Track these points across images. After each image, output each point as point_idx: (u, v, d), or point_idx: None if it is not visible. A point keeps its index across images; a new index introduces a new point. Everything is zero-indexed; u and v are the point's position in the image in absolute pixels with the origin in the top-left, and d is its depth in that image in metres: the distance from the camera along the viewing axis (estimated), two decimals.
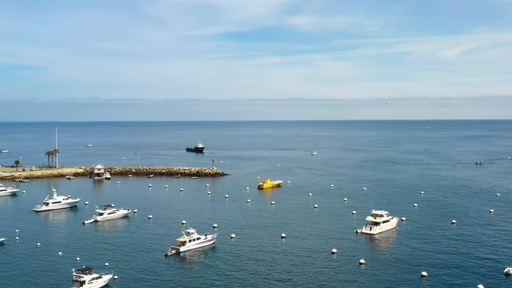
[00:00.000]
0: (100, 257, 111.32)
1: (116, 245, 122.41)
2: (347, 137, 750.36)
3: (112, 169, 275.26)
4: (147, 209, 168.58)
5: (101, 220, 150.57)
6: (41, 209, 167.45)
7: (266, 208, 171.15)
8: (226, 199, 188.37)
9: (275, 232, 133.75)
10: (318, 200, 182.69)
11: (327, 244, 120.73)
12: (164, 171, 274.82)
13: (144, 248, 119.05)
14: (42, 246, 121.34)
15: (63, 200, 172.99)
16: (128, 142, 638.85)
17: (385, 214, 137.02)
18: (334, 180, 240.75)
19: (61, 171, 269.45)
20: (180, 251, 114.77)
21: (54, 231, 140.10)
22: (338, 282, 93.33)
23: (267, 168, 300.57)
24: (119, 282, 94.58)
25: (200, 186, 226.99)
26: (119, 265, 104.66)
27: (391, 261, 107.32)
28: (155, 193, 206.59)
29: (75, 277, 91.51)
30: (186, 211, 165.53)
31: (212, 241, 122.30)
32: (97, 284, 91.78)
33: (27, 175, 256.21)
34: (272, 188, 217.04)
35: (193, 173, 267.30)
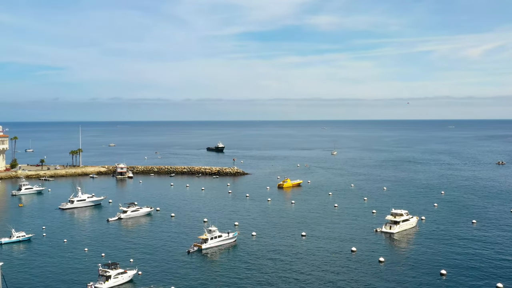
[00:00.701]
0: (124, 253, 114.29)
1: (139, 242, 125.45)
2: (368, 137, 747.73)
3: (135, 168, 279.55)
4: (169, 207, 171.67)
5: (124, 217, 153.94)
6: (67, 206, 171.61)
7: (287, 207, 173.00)
8: (247, 198, 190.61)
9: (295, 230, 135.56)
10: (338, 200, 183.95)
11: (346, 242, 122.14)
12: (185, 170, 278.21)
13: (167, 245, 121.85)
14: (68, 242, 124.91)
15: (87, 198, 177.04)
16: (149, 141, 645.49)
17: (405, 213, 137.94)
18: (354, 179, 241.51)
19: (84, 170, 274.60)
20: (202, 248, 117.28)
21: (79, 228, 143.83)
22: (357, 280, 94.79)
23: (287, 167, 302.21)
24: (143, 277, 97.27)
25: (221, 185, 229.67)
26: (143, 261, 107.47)
27: (410, 259, 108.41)
28: (176, 192, 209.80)
29: (101, 271, 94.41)
30: (208, 209, 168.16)
31: (233, 239, 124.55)
32: (122, 279, 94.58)
33: (51, 174, 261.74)
34: (292, 187, 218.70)
35: (214, 173, 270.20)
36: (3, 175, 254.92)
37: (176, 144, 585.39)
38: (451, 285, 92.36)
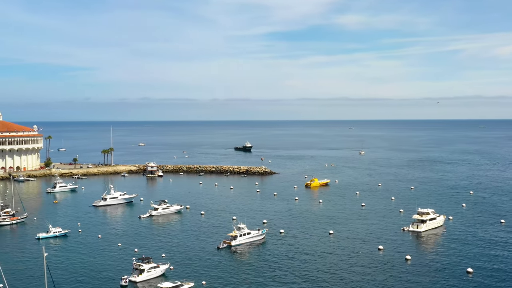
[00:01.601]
0: (156, 248, 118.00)
1: (171, 238, 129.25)
2: (395, 137, 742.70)
3: (164, 167, 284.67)
4: (199, 205, 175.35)
5: (156, 214, 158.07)
6: (100, 204, 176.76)
7: (314, 206, 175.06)
8: (275, 197, 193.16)
9: (323, 228, 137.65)
10: (366, 199, 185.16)
11: (373, 241, 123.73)
12: (214, 169, 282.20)
13: (197, 241, 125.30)
14: (102, 238, 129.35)
15: (120, 195, 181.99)
16: (177, 141, 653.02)
17: (432, 212, 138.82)
18: (381, 179, 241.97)
19: (116, 169, 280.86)
20: (231, 245, 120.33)
21: (112, 224, 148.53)
22: (384, 277, 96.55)
23: (314, 167, 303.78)
24: (174, 271, 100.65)
25: (249, 184, 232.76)
26: (174, 256, 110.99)
27: (437, 258, 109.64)
28: (206, 190, 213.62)
29: (135, 265, 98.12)
30: (236, 207, 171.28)
31: (262, 236, 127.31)
32: (155, 273, 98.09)
33: (84, 172, 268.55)
34: (320, 187, 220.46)
35: (242, 172, 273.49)
36: (38, 173, 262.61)
37: (204, 143, 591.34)
38: (477, 283, 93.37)
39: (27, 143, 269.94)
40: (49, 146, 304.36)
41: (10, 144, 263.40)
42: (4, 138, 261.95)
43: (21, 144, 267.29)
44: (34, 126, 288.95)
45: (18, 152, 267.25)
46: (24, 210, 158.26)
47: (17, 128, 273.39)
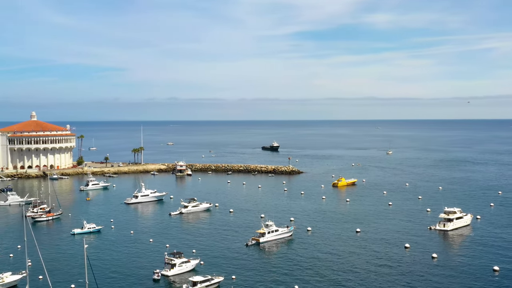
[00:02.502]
0: (187, 244, 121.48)
1: (201, 235, 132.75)
2: (424, 137, 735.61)
3: (193, 166, 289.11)
4: (227, 203, 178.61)
5: (185, 212, 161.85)
6: (131, 201, 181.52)
7: (341, 205, 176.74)
8: (302, 196, 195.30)
9: (350, 227, 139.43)
10: (393, 198, 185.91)
11: (400, 239, 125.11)
12: (241, 168, 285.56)
13: (227, 238, 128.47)
14: (135, 234, 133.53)
15: (150, 193, 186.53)
16: (205, 140, 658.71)
17: (458, 211, 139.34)
18: (409, 179, 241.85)
19: (146, 167, 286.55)
20: (260, 241, 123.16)
21: (144, 221, 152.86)
22: (410, 274, 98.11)
23: (341, 166, 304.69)
24: (204, 267, 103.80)
25: (277, 183, 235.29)
26: (204, 252, 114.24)
27: (463, 256, 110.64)
28: (234, 189, 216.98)
29: (167, 260, 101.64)
30: (264, 205, 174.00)
31: (289, 233, 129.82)
32: (186, 267, 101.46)
33: (115, 171, 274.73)
34: (347, 186, 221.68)
35: (269, 171, 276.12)
36: (71, 172, 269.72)
37: (231, 143, 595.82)
38: (503, 281, 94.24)
39: (60, 142, 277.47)
40: (81, 145, 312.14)
41: (44, 143, 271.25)
42: (38, 137, 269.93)
43: (55, 143, 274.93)
44: (67, 125, 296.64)
45: (51, 151, 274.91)
46: (59, 207, 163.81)
47: (51, 128, 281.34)
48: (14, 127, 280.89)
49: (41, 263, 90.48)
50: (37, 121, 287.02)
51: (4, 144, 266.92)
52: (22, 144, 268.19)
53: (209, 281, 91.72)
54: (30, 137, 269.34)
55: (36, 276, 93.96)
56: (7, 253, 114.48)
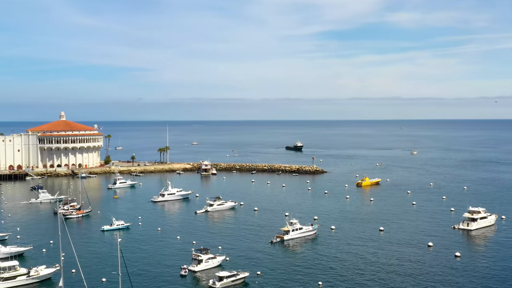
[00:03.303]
0: (213, 241, 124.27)
1: (226, 232, 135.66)
2: (449, 137, 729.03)
3: (218, 165, 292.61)
4: (252, 202, 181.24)
5: (211, 210, 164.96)
6: (158, 199, 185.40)
7: (365, 204, 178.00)
8: (326, 195, 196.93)
9: (374, 225, 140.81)
10: (417, 198, 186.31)
11: (423, 238, 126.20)
12: (265, 168, 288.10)
13: (251, 235, 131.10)
14: (162, 231, 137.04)
15: (176, 192, 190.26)
16: (229, 140, 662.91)
17: (483, 211, 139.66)
18: (433, 179, 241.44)
19: (171, 167, 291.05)
20: (284, 239, 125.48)
21: (171, 219, 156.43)
22: (433, 272, 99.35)
23: (365, 166, 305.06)
24: (230, 263, 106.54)
25: (301, 182, 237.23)
26: (230, 249, 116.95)
27: (487, 255, 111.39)
28: (258, 188, 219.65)
29: (194, 255, 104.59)
30: (288, 204, 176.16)
31: (313, 231, 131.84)
32: (212, 263, 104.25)
33: (141, 170, 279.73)
34: (371, 185, 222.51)
35: (293, 170, 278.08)
36: (98, 171, 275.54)
37: (255, 143, 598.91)
38: None
39: (88, 142, 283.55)
40: (108, 144, 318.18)
41: (73, 143, 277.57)
42: (67, 137, 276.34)
43: (83, 143, 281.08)
44: (94, 125, 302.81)
45: (80, 150, 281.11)
46: (89, 204, 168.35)
47: (79, 128, 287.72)
48: (44, 127, 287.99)
49: (73, 257, 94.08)
50: (66, 121, 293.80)
51: (34, 143, 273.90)
52: (51, 143, 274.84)
53: (235, 276, 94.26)
54: (59, 136, 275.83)
55: (69, 270, 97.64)
56: (40, 248, 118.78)
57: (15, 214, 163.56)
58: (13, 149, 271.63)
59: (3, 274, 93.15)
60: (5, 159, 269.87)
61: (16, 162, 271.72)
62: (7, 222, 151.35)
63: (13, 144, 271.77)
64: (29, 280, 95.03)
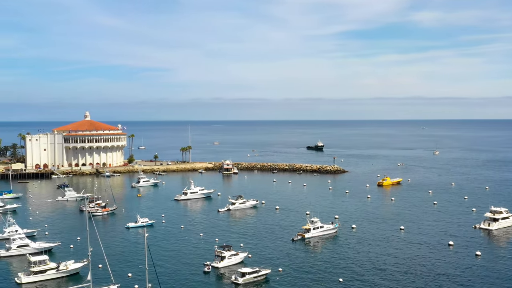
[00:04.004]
0: (235, 239, 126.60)
1: (248, 230, 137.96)
2: (473, 137, 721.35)
3: (239, 165, 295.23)
4: (273, 200, 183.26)
5: (233, 209, 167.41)
6: (181, 198, 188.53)
7: (386, 203, 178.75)
8: (347, 194, 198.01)
9: (394, 224, 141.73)
10: (438, 197, 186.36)
11: (444, 237, 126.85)
12: (287, 167, 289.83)
13: (273, 233, 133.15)
14: (185, 228, 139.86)
15: (199, 190, 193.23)
16: (250, 140, 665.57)
17: (505, 211, 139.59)
18: (455, 179, 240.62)
19: (193, 166, 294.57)
20: (305, 237, 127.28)
21: (193, 217, 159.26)
22: (453, 271, 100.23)
23: (387, 166, 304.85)
24: (252, 260, 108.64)
25: (322, 181, 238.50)
26: (252, 246, 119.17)
27: (508, 255, 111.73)
28: (279, 187, 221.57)
29: (217, 252, 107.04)
30: (309, 203, 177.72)
31: (334, 230, 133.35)
32: (234, 260, 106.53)
33: (164, 169, 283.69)
34: (392, 185, 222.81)
35: (314, 170, 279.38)
36: (122, 169, 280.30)
37: (276, 142, 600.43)
38: None
39: (112, 141, 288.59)
40: (132, 144, 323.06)
41: (97, 142, 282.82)
42: (92, 136, 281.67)
43: (107, 142, 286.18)
44: (118, 125, 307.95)
45: (104, 149, 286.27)
46: (114, 202, 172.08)
47: (104, 127, 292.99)
48: (69, 127, 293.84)
49: (99, 253, 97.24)
50: (91, 121, 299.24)
51: (60, 142, 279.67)
52: (76, 142, 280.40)
53: (257, 273, 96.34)
54: (84, 136, 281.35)
55: (96, 265, 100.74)
56: (68, 244, 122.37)
57: (43, 212, 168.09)
58: (39, 148, 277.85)
59: (34, 268, 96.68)
60: (31, 158, 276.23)
61: (42, 161, 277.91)
62: (35, 219, 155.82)
63: (39, 144, 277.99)
64: (59, 274, 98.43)
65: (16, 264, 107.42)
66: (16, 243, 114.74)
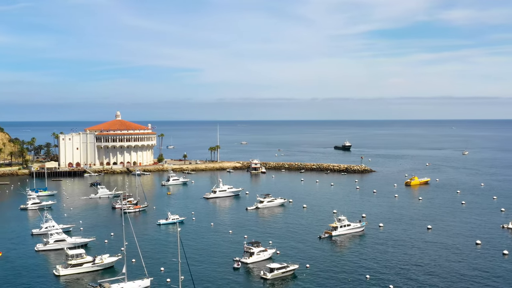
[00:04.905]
0: (263, 236, 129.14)
1: (276, 227, 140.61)
2: (504, 137, 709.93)
3: (267, 164, 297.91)
4: (300, 199, 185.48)
5: (261, 207, 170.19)
6: (210, 196, 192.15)
7: (413, 203, 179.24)
8: (374, 194, 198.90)
9: (421, 223, 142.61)
10: (466, 197, 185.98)
11: (471, 236, 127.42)
12: (314, 167, 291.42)
13: (300, 231, 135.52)
14: (214, 226, 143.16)
15: (228, 189, 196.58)
16: (277, 140, 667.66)
17: None
18: (484, 179, 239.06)
19: (222, 165, 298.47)
20: (332, 235, 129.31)
21: (222, 214, 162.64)
22: (480, 269, 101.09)
23: (415, 166, 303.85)
24: (280, 256, 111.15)
25: (349, 181, 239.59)
26: (280, 243, 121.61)
27: None
28: (307, 186, 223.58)
29: (246, 248, 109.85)
30: (337, 202, 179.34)
31: (361, 228, 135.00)
32: (263, 256, 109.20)
33: (193, 168, 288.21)
34: (420, 185, 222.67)
35: (342, 170, 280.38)
36: (152, 168, 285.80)
37: (304, 142, 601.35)
38: None
39: (142, 141, 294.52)
40: (161, 143, 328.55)
41: (128, 141, 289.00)
42: (123, 135, 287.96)
43: (138, 141, 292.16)
44: (148, 124, 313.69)
45: (134, 148, 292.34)
46: (145, 200, 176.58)
47: (134, 127, 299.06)
48: (101, 126, 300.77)
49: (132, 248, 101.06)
50: (122, 121, 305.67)
51: (92, 142, 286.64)
52: (108, 142, 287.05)
53: (285, 268, 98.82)
54: (115, 135, 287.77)
55: (130, 259, 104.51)
56: (102, 239, 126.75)
57: (76, 208, 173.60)
58: (72, 147, 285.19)
59: (71, 261, 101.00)
60: (64, 156, 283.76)
61: (75, 159, 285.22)
62: (70, 215, 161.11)
63: (72, 143, 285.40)
64: (94, 267, 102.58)
65: (53, 258, 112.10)
66: (54, 238, 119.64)
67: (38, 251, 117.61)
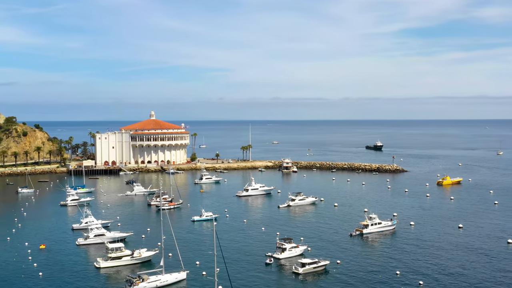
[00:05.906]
0: (295, 233, 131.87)
1: (307, 225, 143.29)
2: None
3: (298, 164, 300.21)
4: (332, 198, 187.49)
5: (293, 205, 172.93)
6: (242, 194, 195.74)
7: (445, 202, 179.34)
8: (406, 193, 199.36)
9: (453, 222, 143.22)
10: (499, 198, 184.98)
11: (503, 235, 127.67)
12: (345, 166, 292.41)
13: (332, 228, 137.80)
14: (248, 223, 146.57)
15: (260, 187, 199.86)
16: (309, 139, 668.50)
17: None
18: None
19: (253, 164, 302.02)
20: (363, 232, 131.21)
21: (255, 212, 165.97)
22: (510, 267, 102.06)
23: (447, 166, 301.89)
24: (312, 252, 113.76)
25: (380, 180, 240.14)
26: (311, 240, 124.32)
27: None
28: (338, 185, 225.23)
29: (279, 244, 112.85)
30: (368, 201, 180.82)
31: (392, 227, 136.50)
32: (295, 252, 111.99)
33: (225, 167, 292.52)
34: (452, 185, 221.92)
35: (373, 169, 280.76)
36: (185, 167, 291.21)
37: (335, 142, 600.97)
38: None
39: (176, 140, 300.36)
40: (194, 142, 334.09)
41: (162, 141, 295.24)
42: (157, 135, 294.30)
43: (171, 141, 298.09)
44: (182, 124, 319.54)
45: (168, 147, 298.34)
46: (179, 197, 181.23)
47: (168, 126, 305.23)
48: (135, 126, 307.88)
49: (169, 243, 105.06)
50: (156, 120, 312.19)
51: (127, 141, 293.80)
52: (142, 141, 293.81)
53: (316, 263, 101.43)
54: (149, 134, 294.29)
55: (166, 253, 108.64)
56: (140, 234, 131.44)
57: (113, 205, 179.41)
58: (108, 146, 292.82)
59: (111, 254, 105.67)
60: (101, 155, 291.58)
61: (111, 158, 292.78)
62: (107, 211, 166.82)
63: (108, 142, 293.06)
64: (133, 260, 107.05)
65: (93, 251, 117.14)
66: (94, 233, 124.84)
67: (79, 245, 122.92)
